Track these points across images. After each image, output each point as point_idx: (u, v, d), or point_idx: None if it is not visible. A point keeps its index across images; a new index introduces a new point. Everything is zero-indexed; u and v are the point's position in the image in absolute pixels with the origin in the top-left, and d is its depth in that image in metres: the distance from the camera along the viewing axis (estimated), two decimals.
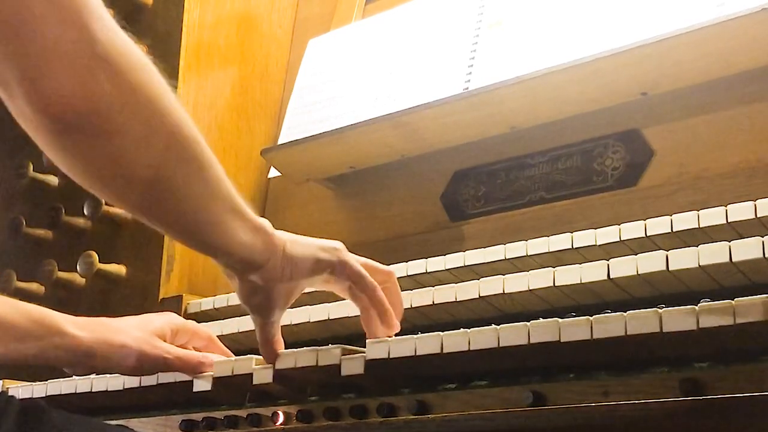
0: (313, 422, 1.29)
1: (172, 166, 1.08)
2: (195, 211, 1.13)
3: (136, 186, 1.08)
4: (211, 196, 1.14)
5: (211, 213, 1.15)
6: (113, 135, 1.01)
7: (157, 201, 1.11)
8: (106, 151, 1.02)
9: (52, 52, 0.94)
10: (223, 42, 2.24)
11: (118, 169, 1.05)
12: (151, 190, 1.09)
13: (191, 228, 1.16)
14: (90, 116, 0.98)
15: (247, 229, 1.19)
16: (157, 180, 1.07)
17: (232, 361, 1.37)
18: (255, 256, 1.21)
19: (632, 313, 1.04)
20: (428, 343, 1.17)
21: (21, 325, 1.33)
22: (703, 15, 1.52)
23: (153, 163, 1.06)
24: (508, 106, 1.72)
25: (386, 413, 1.22)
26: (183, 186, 1.10)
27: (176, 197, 1.11)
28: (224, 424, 1.39)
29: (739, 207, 1.31)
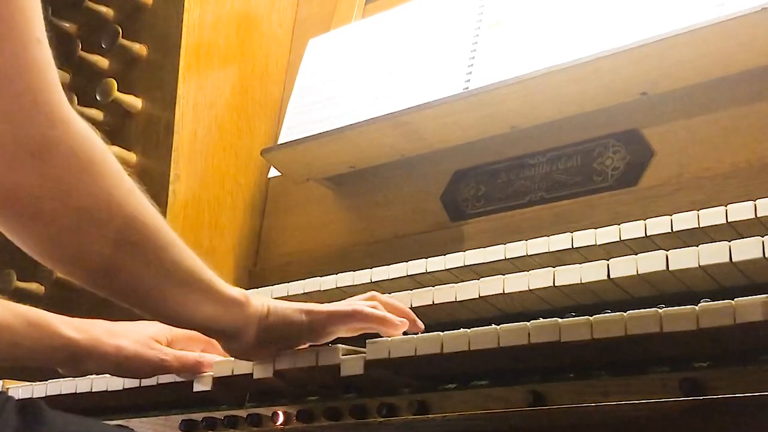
0: (313, 422, 1.29)
1: (122, 255, 1.08)
2: (150, 291, 1.14)
3: (82, 268, 1.09)
4: (168, 278, 1.13)
5: (172, 294, 1.15)
6: (45, 221, 1.02)
7: (109, 282, 1.11)
8: (40, 233, 1.04)
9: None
10: (223, 42, 2.24)
11: (58, 252, 1.06)
12: (100, 274, 1.09)
13: (148, 306, 1.17)
14: (19, 204, 1.00)
15: (211, 304, 1.19)
16: (105, 266, 1.08)
17: (232, 362, 1.37)
18: (223, 327, 1.22)
19: (632, 313, 1.04)
20: (428, 343, 1.17)
21: (16, 327, 1.33)
22: (703, 15, 1.52)
23: (102, 251, 1.06)
24: (508, 106, 1.72)
25: (386, 413, 1.22)
26: (135, 272, 1.10)
27: (129, 280, 1.11)
28: (224, 424, 1.39)
29: (739, 207, 1.31)
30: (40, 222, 1.02)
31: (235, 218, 2.19)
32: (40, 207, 1.01)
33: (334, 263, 1.88)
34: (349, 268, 1.69)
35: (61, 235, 1.04)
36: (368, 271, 1.64)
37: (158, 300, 1.15)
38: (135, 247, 1.09)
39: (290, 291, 1.72)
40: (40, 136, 0.97)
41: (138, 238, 1.09)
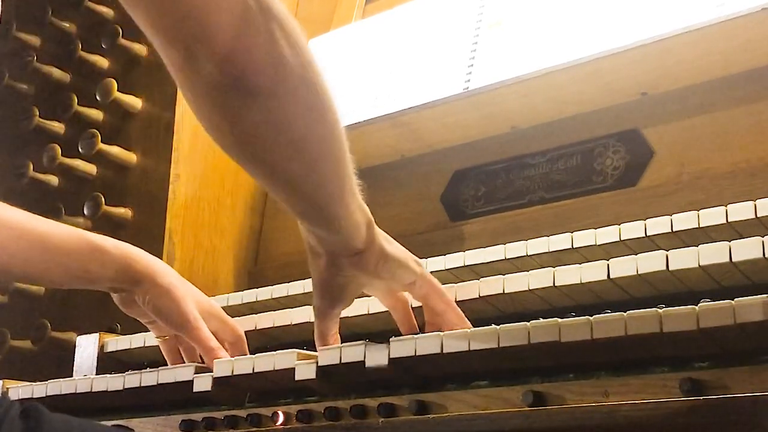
0: (313, 422, 1.29)
1: (316, 139, 1.11)
2: (326, 183, 1.16)
3: (279, 151, 1.09)
4: (341, 173, 1.16)
5: (338, 189, 1.17)
6: (282, 93, 1.03)
7: (295, 168, 1.12)
8: (262, 113, 1.04)
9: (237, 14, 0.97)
10: None
11: (268, 132, 1.07)
12: (292, 157, 1.10)
13: (319, 199, 1.18)
14: (272, 76, 1.01)
15: (360, 213, 1.22)
16: (299, 148, 1.10)
17: (232, 361, 1.37)
18: (358, 240, 1.23)
19: (632, 313, 1.04)
20: (428, 343, 1.18)
21: (86, 252, 1.43)
22: (703, 15, 1.52)
23: (301, 132, 1.08)
24: (508, 106, 1.72)
25: (386, 413, 1.22)
26: (320, 158, 1.13)
27: (313, 167, 1.13)
28: (224, 424, 1.39)
29: (739, 207, 1.31)
30: (277, 100, 1.03)
31: (235, 218, 2.19)
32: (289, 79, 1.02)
33: None
34: None
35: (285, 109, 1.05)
36: None
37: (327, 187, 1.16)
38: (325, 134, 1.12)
39: (290, 291, 1.72)
40: (275, 5, 0.99)
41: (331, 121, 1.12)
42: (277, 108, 1.04)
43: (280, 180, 1.15)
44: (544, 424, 1.16)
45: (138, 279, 1.45)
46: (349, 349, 1.25)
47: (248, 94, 1.02)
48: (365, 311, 1.52)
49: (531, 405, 1.10)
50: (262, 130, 1.06)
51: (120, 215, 2.12)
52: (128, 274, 1.45)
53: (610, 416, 1.09)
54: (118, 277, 1.45)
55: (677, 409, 1.03)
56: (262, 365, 1.33)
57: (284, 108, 1.05)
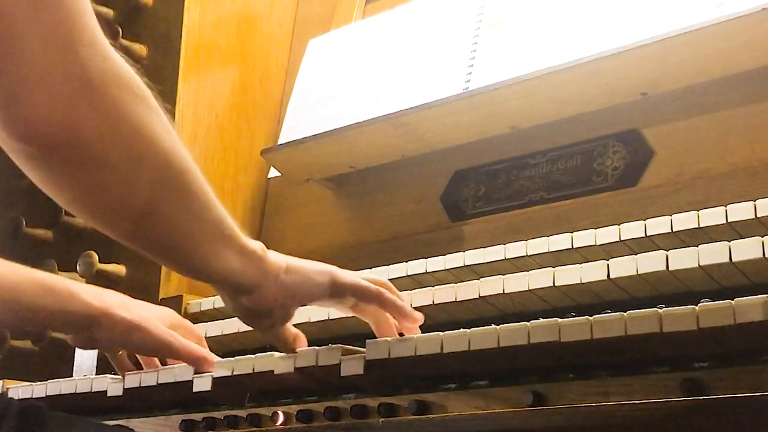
0: (313, 422, 1.29)
1: (159, 199, 1.06)
2: (182, 240, 1.12)
3: (120, 216, 1.06)
4: (199, 225, 1.12)
5: (199, 242, 1.13)
6: (93, 165, 0.99)
7: (143, 230, 1.09)
8: (85, 180, 1.01)
9: (32, 75, 0.91)
10: (223, 42, 2.24)
11: (101, 199, 1.04)
12: (136, 221, 1.07)
13: (178, 256, 1.15)
14: (69, 145, 0.96)
15: (236, 256, 1.17)
16: (143, 211, 1.06)
17: (232, 361, 1.37)
18: (245, 281, 1.20)
19: (632, 313, 1.04)
20: (428, 343, 1.17)
21: (34, 291, 1.33)
22: (703, 15, 1.52)
23: (139, 194, 1.04)
24: (508, 106, 1.72)
25: (386, 413, 1.22)
26: (170, 216, 1.09)
27: (163, 227, 1.09)
28: (224, 424, 1.39)
29: (739, 207, 1.31)
30: (89, 163, 0.98)
31: (235, 218, 2.16)
32: (90, 147, 0.97)
33: (334, 263, 1.87)
34: (349, 268, 1.68)
35: (108, 177, 1.01)
36: (368, 271, 1.64)
37: (188, 250, 1.13)
38: (176, 192, 1.08)
39: None
40: (88, 63, 0.94)
41: (179, 182, 1.07)
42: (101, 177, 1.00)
43: (138, 247, 1.13)
44: (544, 424, 1.16)
45: (95, 320, 1.37)
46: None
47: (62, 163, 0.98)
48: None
49: (531, 405, 1.10)
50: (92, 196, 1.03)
51: None
52: (82, 315, 1.37)
53: (610, 416, 1.09)
54: (71, 320, 1.37)
55: (677, 409, 1.03)
56: (262, 365, 1.33)
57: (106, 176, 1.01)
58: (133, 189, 1.03)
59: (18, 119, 0.93)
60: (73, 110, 0.94)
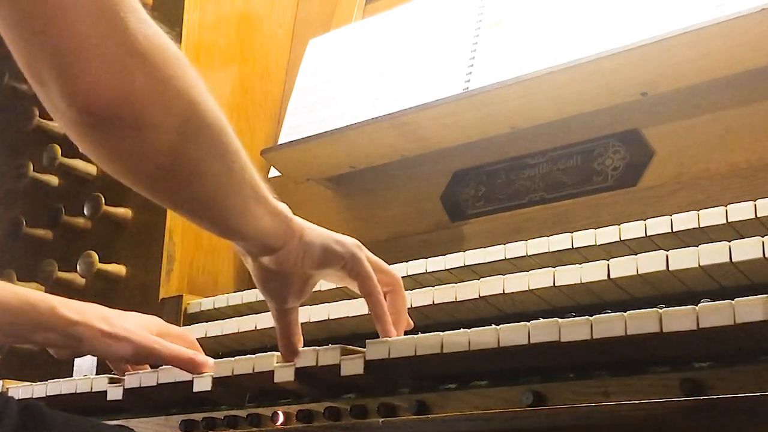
0: (313, 422, 1.29)
1: (205, 157, 1.08)
2: (218, 196, 1.14)
3: (170, 176, 1.08)
4: (234, 182, 1.14)
5: (233, 199, 1.15)
6: (145, 128, 1.01)
7: (190, 190, 1.11)
8: (139, 144, 1.02)
9: (85, 46, 0.94)
10: (223, 42, 2.24)
11: (152, 161, 1.05)
12: (185, 179, 1.09)
13: (214, 213, 1.16)
14: (123, 110, 0.98)
15: (266, 214, 1.19)
16: (190, 170, 1.08)
17: (232, 361, 1.37)
18: (271, 240, 1.22)
19: (632, 313, 1.04)
20: (428, 343, 1.17)
21: (15, 306, 1.35)
22: (703, 15, 1.52)
23: (187, 154, 1.06)
24: (508, 106, 1.72)
25: (386, 413, 1.22)
26: (215, 175, 1.11)
27: (208, 186, 1.11)
28: (224, 424, 1.39)
29: (739, 207, 1.31)
30: (148, 129, 1.01)
31: None
32: (143, 112, 0.99)
33: None
34: None
35: (161, 140, 1.03)
36: None
37: (228, 208, 1.15)
38: (219, 151, 1.09)
39: None
40: (135, 33, 0.96)
41: (220, 141, 1.09)
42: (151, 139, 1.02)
43: (177, 205, 1.16)
44: (544, 424, 1.16)
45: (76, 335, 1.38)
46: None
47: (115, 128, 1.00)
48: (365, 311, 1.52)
49: (531, 405, 1.10)
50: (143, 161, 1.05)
51: (120, 215, 2.12)
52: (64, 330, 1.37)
53: (610, 416, 1.09)
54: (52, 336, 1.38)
55: (677, 409, 1.03)
56: (262, 365, 1.33)
57: (156, 137, 1.02)
58: (182, 149, 1.05)
59: (77, 91, 0.96)
60: (127, 77, 0.97)
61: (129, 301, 2.04)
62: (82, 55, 0.94)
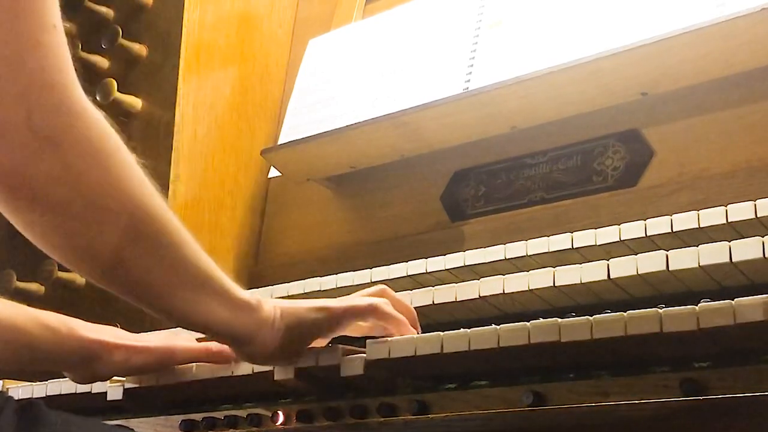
0: (313, 422, 1.29)
1: (129, 247, 1.06)
2: (158, 288, 1.11)
3: (90, 261, 1.07)
4: (175, 275, 1.11)
5: (176, 291, 1.12)
6: (57, 213, 1.00)
7: (115, 277, 1.09)
8: (50, 227, 1.02)
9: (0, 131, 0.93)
10: (223, 42, 2.24)
11: (68, 244, 1.04)
12: (107, 267, 1.07)
13: (156, 303, 1.14)
14: (31, 194, 0.98)
15: (226, 307, 1.16)
16: (113, 258, 1.06)
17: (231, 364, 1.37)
18: (238, 332, 1.19)
19: (632, 313, 1.04)
20: (428, 343, 1.17)
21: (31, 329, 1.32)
22: (703, 15, 1.52)
23: (107, 243, 1.04)
24: (508, 106, 1.72)
25: (386, 413, 1.22)
26: (142, 265, 1.08)
27: (135, 275, 1.09)
28: (224, 424, 1.39)
29: (739, 207, 1.30)
30: (51, 212, 1.00)
31: (235, 218, 2.19)
32: (51, 195, 0.99)
33: (334, 263, 1.89)
34: (349, 268, 1.69)
35: (72, 225, 1.02)
36: (368, 271, 1.64)
37: (168, 299, 1.12)
38: (146, 241, 1.07)
39: (290, 291, 1.72)
40: (55, 121, 0.96)
41: (150, 231, 1.07)
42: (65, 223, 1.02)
43: (121, 295, 1.13)
44: (544, 424, 1.17)
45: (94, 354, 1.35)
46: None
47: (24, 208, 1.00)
48: None
49: (531, 405, 1.10)
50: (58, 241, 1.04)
51: None
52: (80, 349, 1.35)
53: (610, 416, 1.09)
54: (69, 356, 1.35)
55: (677, 409, 1.03)
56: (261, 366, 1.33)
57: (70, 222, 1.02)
58: (100, 237, 1.04)
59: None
60: (36, 163, 0.96)
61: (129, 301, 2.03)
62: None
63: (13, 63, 0.93)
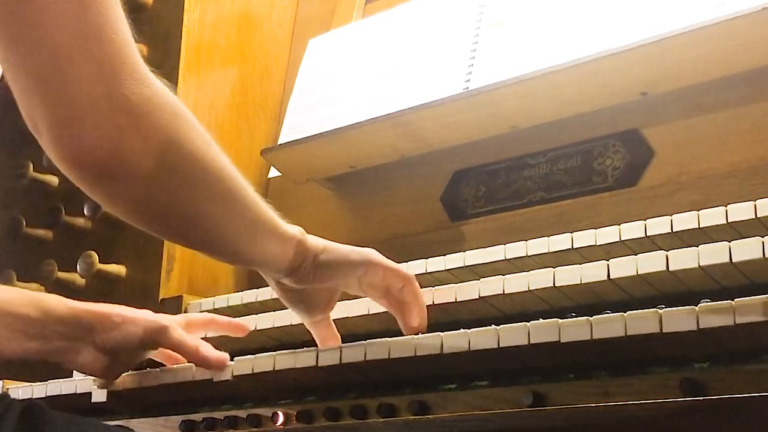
0: (313, 422, 1.29)
1: (204, 206, 1.13)
2: (226, 237, 1.19)
3: (170, 222, 1.14)
4: (242, 223, 1.19)
5: (243, 237, 1.21)
6: (141, 183, 1.05)
7: (191, 233, 1.17)
8: (132, 195, 1.07)
9: (81, 105, 0.97)
10: (223, 42, 2.24)
11: (149, 209, 1.10)
12: (184, 225, 1.14)
13: (223, 250, 1.23)
14: (117, 168, 1.02)
15: (277, 243, 1.24)
16: (189, 217, 1.13)
17: (231, 364, 1.37)
18: (286, 264, 1.27)
19: (632, 313, 1.04)
20: (428, 343, 1.18)
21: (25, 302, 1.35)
22: (703, 15, 1.52)
23: (186, 204, 1.11)
24: (508, 106, 1.72)
25: (386, 413, 1.22)
26: (215, 219, 1.16)
27: (208, 229, 1.16)
28: (224, 424, 1.39)
29: (739, 207, 1.30)
30: (138, 184, 1.05)
31: None
32: (139, 168, 1.03)
33: None
34: None
35: (156, 193, 1.07)
36: None
37: (233, 245, 1.21)
38: (217, 199, 1.14)
39: None
40: (131, 94, 0.99)
41: (219, 189, 1.14)
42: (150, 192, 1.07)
43: (190, 245, 1.23)
44: (544, 424, 1.16)
45: (92, 324, 1.38)
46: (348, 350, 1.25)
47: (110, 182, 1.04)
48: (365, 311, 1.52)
49: (531, 405, 1.10)
50: (143, 209, 1.10)
51: None
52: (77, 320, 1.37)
53: (610, 416, 1.09)
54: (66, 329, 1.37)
55: (677, 409, 1.03)
56: (261, 365, 1.33)
57: (155, 190, 1.07)
58: (179, 200, 1.11)
59: (69, 146, 1.00)
60: (120, 137, 1.00)
61: (129, 301, 2.02)
62: (77, 111, 0.97)
63: (87, 41, 0.96)
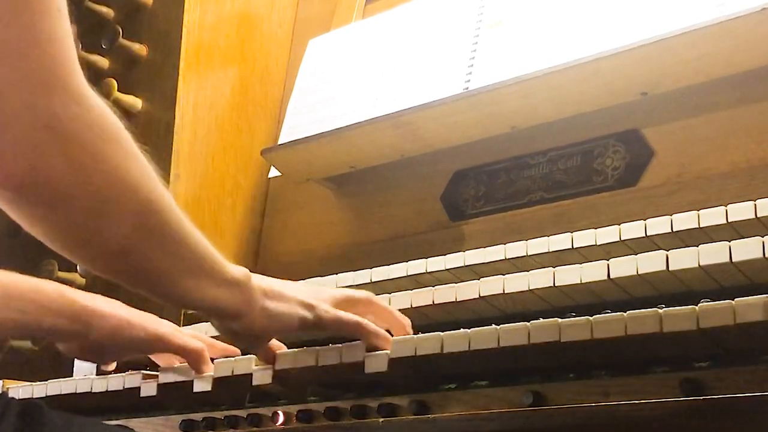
0: (313, 422, 1.29)
1: (134, 238, 1.06)
2: (160, 275, 1.13)
3: (96, 253, 1.07)
4: (178, 261, 1.12)
5: (179, 276, 1.14)
6: (63, 207, 0.99)
7: (120, 266, 1.10)
8: (56, 220, 1.01)
9: (1, 115, 0.91)
10: (223, 42, 2.24)
11: (74, 237, 1.04)
12: (112, 258, 1.08)
13: (158, 289, 1.16)
14: (37, 189, 0.96)
15: (219, 286, 1.18)
16: (117, 250, 1.06)
17: (232, 361, 1.37)
18: (229, 308, 1.21)
19: (632, 313, 1.04)
20: (428, 343, 1.18)
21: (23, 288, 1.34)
22: (703, 15, 1.52)
23: (113, 234, 1.04)
24: (508, 106, 1.72)
25: (386, 413, 1.22)
26: (147, 254, 1.09)
27: (139, 264, 1.10)
28: (224, 424, 1.39)
29: (739, 207, 1.30)
30: (57, 207, 0.99)
31: (235, 218, 2.19)
32: (57, 190, 0.97)
33: (334, 263, 1.88)
34: (349, 268, 1.69)
35: (78, 219, 1.01)
36: (368, 271, 1.64)
37: (168, 284, 1.14)
38: (152, 232, 1.07)
39: None
40: (58, 110, 0.93)
41: (155, 222, 1.07)
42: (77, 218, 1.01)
43: (122, 282, 1.14)
44: (544, 424, 1.16)
45: (86, 319, 1.36)
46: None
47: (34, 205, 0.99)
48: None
49: (531, 405, 1.11)
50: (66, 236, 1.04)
51: None
52: (72, 313, 1.35)
53: (610, 416, 1.09)
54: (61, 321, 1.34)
55: (677, 409, 1.03)
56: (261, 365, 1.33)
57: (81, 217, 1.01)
58: (106, 229, 1.04)
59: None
60: (40, 156, 0.94)
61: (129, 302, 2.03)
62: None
63: (15, 49, 0.90)
